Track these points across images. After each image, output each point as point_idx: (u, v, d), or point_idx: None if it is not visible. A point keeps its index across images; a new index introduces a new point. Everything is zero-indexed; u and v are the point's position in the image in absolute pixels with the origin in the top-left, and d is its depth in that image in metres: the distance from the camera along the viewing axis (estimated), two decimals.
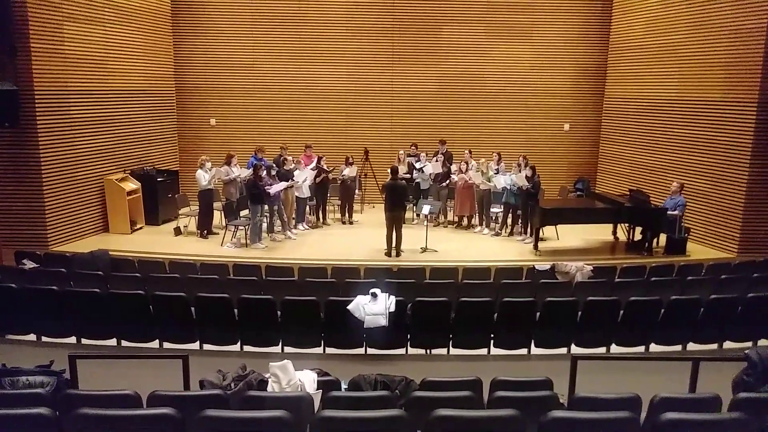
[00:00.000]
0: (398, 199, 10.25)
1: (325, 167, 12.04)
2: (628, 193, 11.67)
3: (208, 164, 11.14)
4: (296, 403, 3.83)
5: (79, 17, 10.77)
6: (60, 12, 10.36)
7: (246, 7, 14.16)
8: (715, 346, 6.53)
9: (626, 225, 11.19)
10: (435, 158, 12.67)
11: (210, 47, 14.26)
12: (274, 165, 11.38)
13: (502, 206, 11.69)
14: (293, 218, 11.75)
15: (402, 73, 14.52)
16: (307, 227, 12.03)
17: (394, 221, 10.20)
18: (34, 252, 8.96)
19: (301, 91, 14.46)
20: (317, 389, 4.25)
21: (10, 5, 9.57)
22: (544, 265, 8.88)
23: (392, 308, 6.07)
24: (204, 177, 10.97)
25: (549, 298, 6.49)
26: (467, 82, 14.57)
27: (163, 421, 3.30)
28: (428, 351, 6.42)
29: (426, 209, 11.08)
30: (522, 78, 14.62)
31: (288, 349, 6.20)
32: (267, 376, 4.31)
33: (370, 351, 6.25)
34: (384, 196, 10.50)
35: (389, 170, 10.64)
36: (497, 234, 11.76)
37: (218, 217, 11.50)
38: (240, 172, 11.38)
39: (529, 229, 11.30)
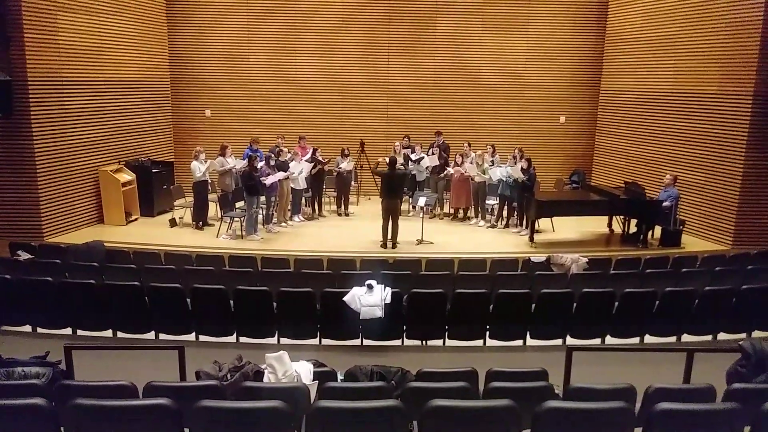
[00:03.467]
0: (395, 188, 10.25)
1: (320, 158, 12.02)
2: (623, 185, 11.70)
3: (203, 155, 11.10)
4: (292, 393, 3.84)
5: (73, 7, 10.68)
6: (54, 2, 10.26)
7: None
8: (709, 337, 6.58)
9: (621, 217, 11.22)
10: (431, 150, 12.66)
11: (205, 38, 14.16)
12: (273, 155, 11.34)
13: (498, 198, 11.70)
14: (288, 210, 11.74)
15: (397, 64, 14.47)
16: (303, 219, 12.02)
17: (390, 212, 10.19)
18: (28, 243, 8.91)
19: (297, 83, 14.40)
20: (313, 380, 4.26)
21: None
22: (539, 257, 8.90)
23: (388, 300, 6.09)
24: (199, 168, 10.93)
25: (544, 290, 6.51)
26: (463, 73, 14.52)
27: (160, 412, 3.30)
28: (424, 342, 6.44)
29: (422, 201, 11.08)
30: (518, 70, 14.59)
31: (284, 341, 6.22)
32: (263, 367, 4.31)
33: (366, 342, 6.26)
34: (380, 184, 10.47)
35: (387, 161, 10.61)
36: (493, 226, 11.78)
37: (214, 209, 11.47)
38: (235, 162, 11.35)
39: (524, 221, 11.32)
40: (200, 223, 11.21)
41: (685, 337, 6.53)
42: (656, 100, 12.50)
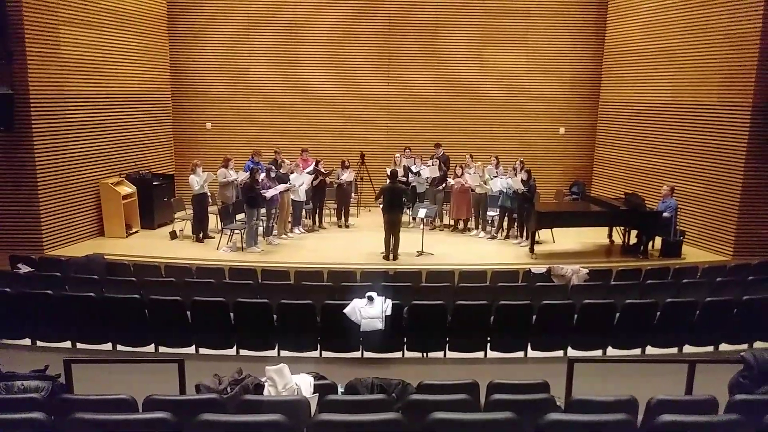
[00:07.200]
0: (396, 201, 10.26)
1: (322, 170, 12.04)
2: (623, 196, 11.71)
3: (200, 169, 11.11)
4: (293, 406, 3.82)
5: (75, 21, 10.76)
6: (56, 16, 10.34)
7: (242, 12, 14.15)
8: (711, 348, 6.55)
9: (622, 228, 11.22)
10: (431, 161, 12.68)
11: (206, 51, 14.24)
12: (273, 167, 11.37)
13: (498, 209, 11.71)
14: (289, 222, 11.74)
15: (397, 77, 14.54)
16: (304, 231, 12.02)
17: (392, 224, 10.20)
18: (28, 256, 8.90)
19: (297, 95, 14.45)
20: (314, 393, 4.23)
21: (6, 9, 9.55)
22: (540, 269, 8.88)
23: (388, 312, 6.08)
24: (196, 181, 10.94)
25: (545, 301, 6.49)
26: (463, 86, 14.59)
27: (159, 426, 3.29)
28: (425, 354, 6.41)
29: (422, 213, 11.09)
30: (517, 82, 14.66)
31: (284, 353, 6.20)
32: (263, 380, 4.29)
33: (367, 354, 6.24)
34: (381, 198, 10.49)
35: (389, 173, 10.62)
36: (493, 237, 11.77)
37: (214, 221, 11.47)
38: (237, 175, 11.37)
39: (525, 233, 11.32)
40: (200, 235, 11.21)
41: (687, 349, 6.50)
42: (656, 111, 12.54)
